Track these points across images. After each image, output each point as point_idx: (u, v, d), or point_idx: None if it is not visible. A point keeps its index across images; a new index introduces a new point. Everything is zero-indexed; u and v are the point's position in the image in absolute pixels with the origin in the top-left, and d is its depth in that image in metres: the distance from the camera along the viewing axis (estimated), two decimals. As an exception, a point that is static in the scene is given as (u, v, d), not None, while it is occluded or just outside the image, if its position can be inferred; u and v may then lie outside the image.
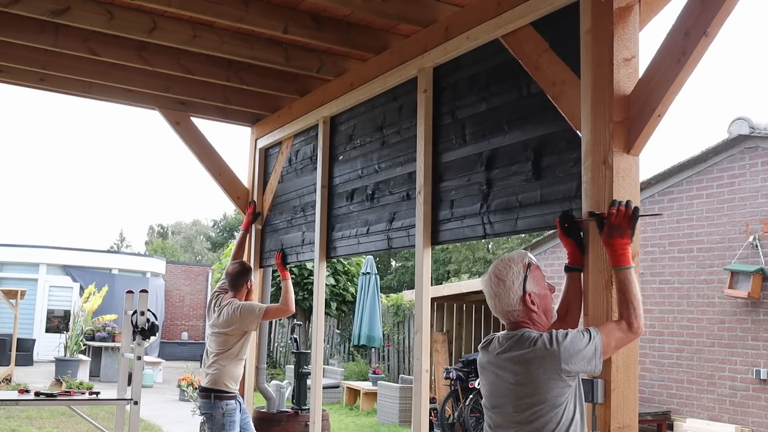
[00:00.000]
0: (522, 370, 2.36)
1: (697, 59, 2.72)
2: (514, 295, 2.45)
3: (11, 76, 5.32)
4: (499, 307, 2.49)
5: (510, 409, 2.40)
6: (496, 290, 2.47)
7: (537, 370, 2.33)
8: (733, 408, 7.43)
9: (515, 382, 2.38)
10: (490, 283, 2.50)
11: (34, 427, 9.47)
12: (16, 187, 62.22)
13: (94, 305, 15.76)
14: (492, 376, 2.48)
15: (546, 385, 2.32)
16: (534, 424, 2.34)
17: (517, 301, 2.45)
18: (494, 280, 2.49)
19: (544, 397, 2.33)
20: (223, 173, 6.24)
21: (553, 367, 2.31)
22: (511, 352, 2.40)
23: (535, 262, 2.54)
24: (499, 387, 2.44)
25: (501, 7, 3.51)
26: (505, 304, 2.46)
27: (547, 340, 2.35)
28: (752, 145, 7.41)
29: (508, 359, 2.40)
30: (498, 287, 2.47)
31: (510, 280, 2.46)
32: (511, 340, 2.43)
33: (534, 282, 2.48)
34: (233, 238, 31.18)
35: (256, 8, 4.24)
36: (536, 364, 2.33)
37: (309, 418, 5.37)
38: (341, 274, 15.88)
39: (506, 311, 2.47)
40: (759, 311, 7.27)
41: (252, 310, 4.97)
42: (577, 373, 2.37)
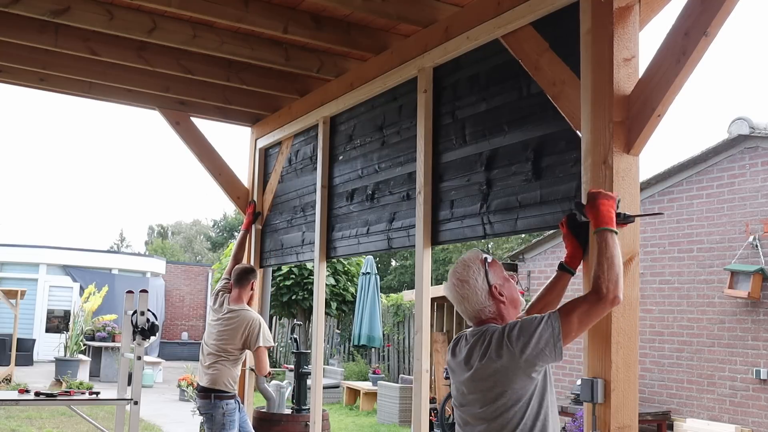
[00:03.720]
0: (484, 366, 2.37)
1: (697, 59, 2.72)
2: (481, 292, 2.48)
3: (11, 76, 5.32)
4: (469, 308, 2.51)
5: (477, 406, 2.42)
6: (462, 293, 2.50)
7: (496, 363, 2.35)
8: (733, 408, 7.43)
9: (480, 378, 2.39)
10: (454, 289, 2.52)
11: (34, 427, 9.47)
12: (16, 187, 62.25)
13: (94, 305, 15.76)
14: (460, 375, 2.49)
15: (507, 378, 2.34)
16: (499, 420, 2.35)
17: (485, 296, 2.48)
18: (458, 283, 2.51)
19: (507, 390, 2.33)
20: (223, 173, 6.24)
21: (511, 359, 2.33)
22: (475, 348, 2.43)
23: (490, 257, 2.58)
24: (467, 385, 2.45)
25: (501, 7, 3.51)
26: (475, 303, 2.49)
27: (501, 331, 2.37)
28: (752, 145, 7.41)
29: (473, 357, 2.42)
30: (463, 289, 2.50)
31: (473, 279, 2.50)
32: (476, 336, 2.45)
33: (494, 274, 2.52)
34: (233, 238, 31.19)
35: (256, 8, 4.24)
36: (496, 358, 2.35)
37: (309, 418, 5.37)
38: (341, 274, 15.87)
39: (477, 310, 2.50)
40: (759, 311, 7.27)
41: (258, 339, 4.97)
42: (537, 361, 2.34)
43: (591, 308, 2.39)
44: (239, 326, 5.02)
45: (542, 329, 2.34)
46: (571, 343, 8.05)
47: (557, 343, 2.35)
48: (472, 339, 2.47)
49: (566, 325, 2.36)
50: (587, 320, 2.41)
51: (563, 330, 2.35)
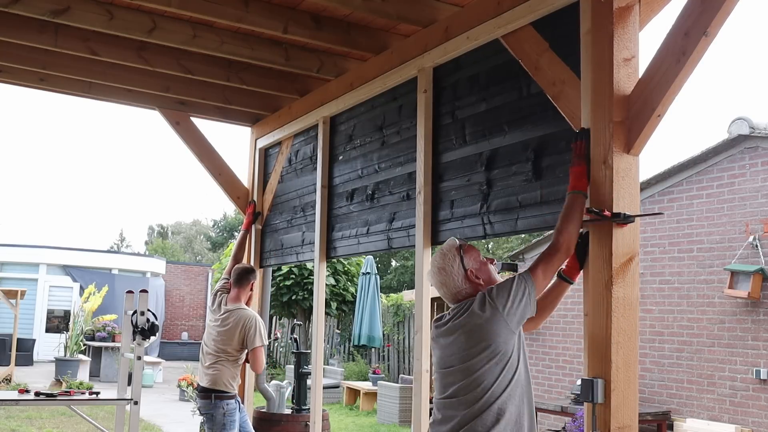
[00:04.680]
0: (468, 323, 2.57)
1: (697, 59, 2.72)
2: (458, 276, 2.70)
3: (11, 76, 5.32)
4: (449, 293, 2.72)
5: (459, 361, 2.57)
6: (441, 279, 2.72)
7: (480, 319, 2.54)
8: (733, 408, 7.43)
9: (465, 334, 2.57)
10: (435, 276, 2.75)
11: (34, 427, 9.47)
12: (16, 187, 62.25)
13: (94, 305, 15.76)
14: (444, 342, 2.66)
15: (491, 331, 2.53)
16: (480, 372, 2.51)
17: (462, 280, 2.70)
18: (437, 271, 2.74)
19: (491, 343, 2.52)
20: (223, 173, 6.24)
21: (494, 313, 2.53)
22: (458, 314, 2.63)
23: (466, 243, 2.79)
24: (450, 349, 2.62)
25: (501, 7, 3.51)
26: (453, 287, 2.70)
27: (482, 293, 2.60)
28: (752, 145, 7.41)
29: (457, 324, 2.61)
30: (442, 276, 2.72)
31: (449, 266, 2.71)
32: (457, 307, 2.67)
33: (470, 259, 2.73)
34: (233, 238, 31.19)
35: (256, 8, 4.24)
36: (480, 313, 2.55)
37: (309, 418, 5.37)
38: (341, 274, 15.86)
39: (455, 293, 2.71)
40: (759, 311, 7.27)
41: (255, 338, 5.00)
42: (516, 313, 2.56)
43: (551, 258, 2.75)
44: (236, 325, 5.01)
45: (517, 285, 2.59)
46: (571, 343, 8.02)
47: (531, 294, 2.61)
48: (453, 311, 2.68)
49: (535, 279, 2.66)
50: (549, 270, 2.74)
51: (535, 283, 2.65)
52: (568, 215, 2.82)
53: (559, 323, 9.39)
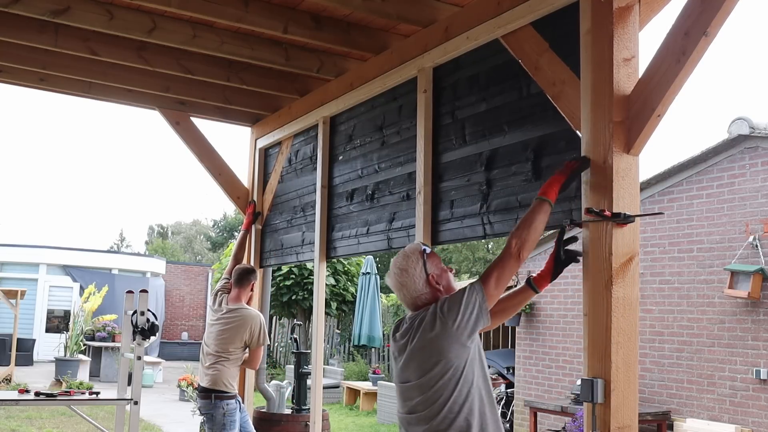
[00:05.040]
0: (420, 338, 2.55)
1: (697, 59, 2.72)
2: (419, 280, 2.66)
3: (11, 76, 5.32)
4: (408, 296, 2.68)
5: (415, 377, 2.56)
6: (402, 281, 2.68)
7: (431, 334, 2.52)
8: (733, 408, 7.43)
9: (417, 350, 2.55)
10: (395, 277, 2.71)
11: (34, 427, 9.47)
12: (16, 187, 62.24)
13: (94, 305, 15.76)
14: (401, 352, 2.64)
15: (441, 347, 2.49)
16: (435, 389, 2.49)
17: (422, 284, 2.66)
18: (398, 272, 2.70)
19: (442, 359, 2.48)
20: (223, 173, 6.24)
21: (443, 329, 2.49)
22: (413, 326, 2.60)
23: (429, 249, 2.76)
24: (406, 363, 2.60)
25: (501, 7, 3.51)
26: (413, 290, 2.66)
27: (434, 306, 2.56)
28: (752, 145, 7.40)
29: (411, 333, 2.59)
30: (403, 277, 2.68)
31: (412, 268, 2.67)
32: (413, 317, 2.64)
33: (432, 265, 2.69)
34: (233, 238, 31.19)
35: (256, 8, 4.24)
36: (430, 330, 2.52)
37: (309, 418, 5.37)
38: (341, 274, 15.86)
39: (414, 297, 2.67)
40: (759, 311, 7.27)
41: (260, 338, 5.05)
42: (468, 327, 2.50)
43: (503, 265, 2.65)
44: (242, 325, 5.02)
45: (467, 297, 2.53)
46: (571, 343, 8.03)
47: (482, 305, 2.55)
48: (410, 320, 2.66)
49: (487, 289, 2.58)
50: (502, 278, 2.63)
51: (486, 293, 2.57)
52: (527, 220, 2.74)
53: (559, 323, 9.39)
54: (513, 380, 10.03)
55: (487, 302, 2.56)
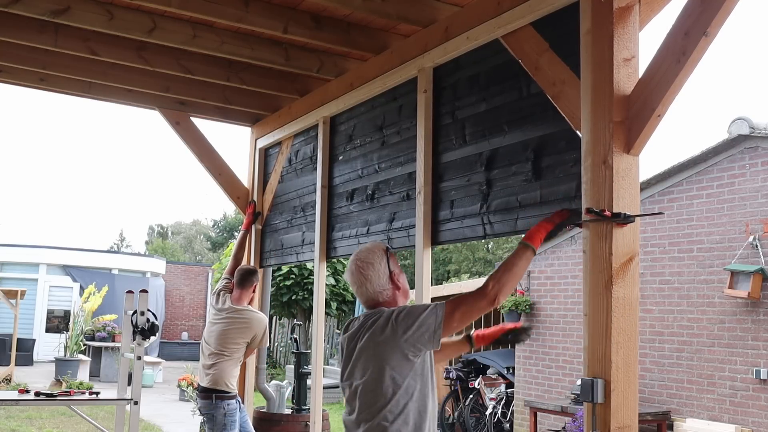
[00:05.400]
0: (369, 339, 2.55)
1: (697, 59, 2.72)
2: (383, 275, 2.67)
3: (11, 76, 5.32)
4: (371, 290, 2.67)
5: (359, 376, 2.57)
6: (367, 273, 2.67)
7: (379, 338, 2.51)
8: (733, 408, 7.43)
9: (364, 350, 2.56)
10: (359, 269, 2.69)
11: (34, 427, 9.47)
12: (16, 187, 62.23)
13: (94, 305, 15.76)
14: (350, 349, 2.64)
15: (386, 354, 2.49)
16: (375, 393, 2.50)
17: (386, 280, 2.67)
18: (363, 265, 2.69)
19: (385, 366, 2.49)
20: (223, 173, 6.24)
21: (392, 337, 2.49)
22: (366, 325, 2.59)
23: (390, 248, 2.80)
24: (355, 357, 2.60)
25: (501, 7, 3.51)
26: (376, 284, 2.66)
27: (390, 311, 2.55)
28: (752, 145, 7.40)
29: (362, 332, 2.59)
30: (368, 270, 2.67)
31: (377, 263, 2.68)
32: (368, 316, 2.63)
33: (393, 263, 2.72)
34: (233, 238, 31.16)
35: (256, 8, 4.24)
36: (380, 333, 2.52)
37: (309, 418, 5.37)
38: (341, 274, 15.86)
39: (377, 292, 2.67)
40: (759, 311, 7.27)
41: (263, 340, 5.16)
42: (414, 344, 2.48)
43: (474, 303, 2.54)
44: (249, 328, 5.03)
45: (426, 316, 2.49)
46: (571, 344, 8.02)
47: (437, 331, 2.48)
48: (364, 318, 2.64)
49: (449, 317, 2.49)
50: (469, 315, 2.54)
51: (444, 321, 2.48)
52: (508, 264, 2.61)
53: (559, 323, 9.39)
54: (513, 380, 10.03)
55: (443, 330, 2.48)
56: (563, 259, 9.35)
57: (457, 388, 10.40)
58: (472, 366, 10.68)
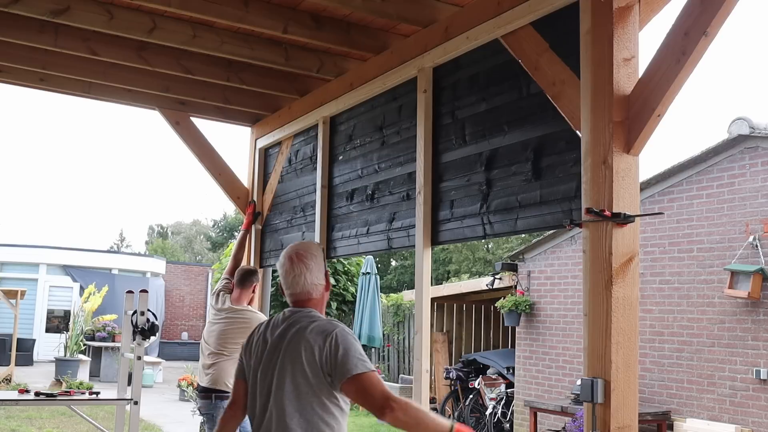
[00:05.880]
0: (304, 346, 2.47)
1: (697, 59, 2.72)
2: (321, 270, 2.64)
3: (11, 76, 5.32)
4: (308, 281, 2.59)
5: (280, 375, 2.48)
6: (309, 264, 2.60)
7: (315, 345, 2.44)
8: (733, 408, 7.43)
9: (289, 359, 2.49)
10: (301, 260, 2.60)
11: (34, 427, 9.47)
12: (16, 187, 62.24)
13: (94, 305, 15.76)
14: (274, 348, 2.56)
15: (316, 364, 2.43)
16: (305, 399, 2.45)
17: (322, 275, 2.64)
18: (306, 255, 2.61)
19: (311, 375, 2.43)
20: (223, 173, 6.24)
21: (327, 354, 2.41)
22: (311, 329, 2.50)
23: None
24: (285, 356, 2.51)
25: (501, 7, 3.51)
26: (315, 277, 2.61)
27: (335, 329, 2.47)
28: (752, 145, 7.40)
29: (308, 335, 2.48)
30: (311, 261, 2.60)
31: (318, 257, 2.64)
32: (306, 317, 2.56)
33: (325, 263, 2.69)
34: (233, 238, 31.15)
35: (256, 8, 4.24)
36: (317, 341, 2.45)
37: (309, 418, 5.36)
38: (341, 274, 15.85)
39: (314, 284, 2.61)
40: (759, 311, 7.27)
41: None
42: (332, 372, 2.41)
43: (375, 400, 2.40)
44: (249, 326, 4.99)
45: (362, 360, 2.42)
46: (571, 344, 7.96)
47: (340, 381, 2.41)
48: (301, 319, 2.56)
49: (356, 384, 2.41)
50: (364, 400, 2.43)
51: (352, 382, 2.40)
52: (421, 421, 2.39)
53: (559, 323, 9.39)
54: (513, 380, 10.03)
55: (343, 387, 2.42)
56: (563, 259, 9.35)
57: (457, 388, 10.40)
58: (472, 366, 10.68)
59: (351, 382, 2.40)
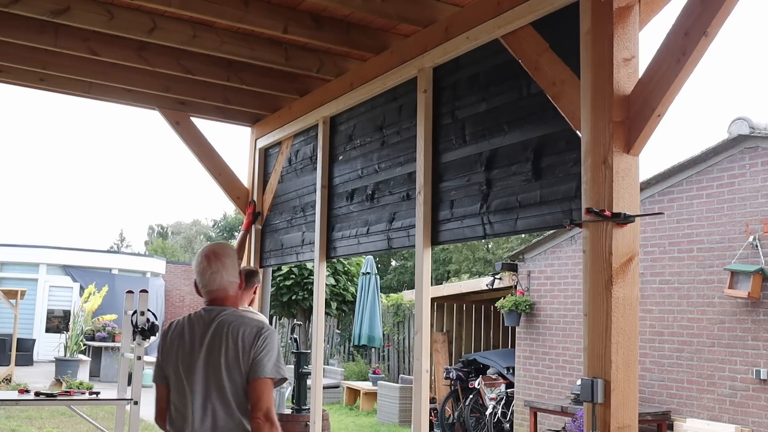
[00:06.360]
0: (245, 348, 2.61)
1: (697, 59, 2.72)
2: (237, 269, 2.80)
3: (11, 76, 5.32)
4: (225, 278, 2.74)
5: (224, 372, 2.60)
6: (225, 262, 2.75)
7: (245, 341, 2.62)
8: (733, 408, 7.42)
9: (228, 361, 2.61)
10: (219, 257, 2.75)
11: (34, 427, 9.47)
12: (16, 187, 62.23)
13: (94, 305, 15.75)
14: (198, 343, 2.67)
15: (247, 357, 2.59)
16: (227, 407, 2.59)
17: (237, 274, 2.79)
18: (223, 253, 2.77)
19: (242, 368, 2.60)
20: (223, 173, 6.24)
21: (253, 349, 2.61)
22: (243, 326, 2.66)
23: None
24: (219, 353, 2.63)
25: (501, 7, 3.51)
26: (231, 275, 2.76)
27: (262, 328, 2.66)
28: (752, 145, 7.40)
29: (228, 335, 2.63)
30: (227, 259, 2.76)
31: (233, 257, 2.80)
32: (232, 314, 2.71)
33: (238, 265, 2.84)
34: (233, 238, 31.16)
35: (256, 8, 4.24)
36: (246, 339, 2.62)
37: (309, 418, 5.37)
38: (341, 274, 15.87)
39: (230, 282, 2.76)
40: (759, 311, 7.27)
41: None
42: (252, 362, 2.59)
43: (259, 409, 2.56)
44: None
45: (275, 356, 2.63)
46: (571, 344, 7.98)
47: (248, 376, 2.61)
48: (224, 315, 2.70)
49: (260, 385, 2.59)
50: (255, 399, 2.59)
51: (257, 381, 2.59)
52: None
53: (559, 323, 9.39)
54: (513, 380, 10.03)
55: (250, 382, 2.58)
56: (563, 259, 9.35)
57: (457, 388, 10.40)
58: (472, 366, 10.68)
59: (257, 382, 2.58)
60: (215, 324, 2.68)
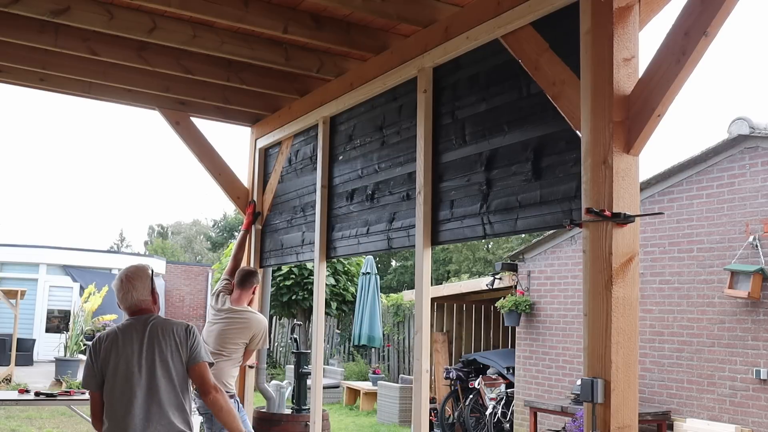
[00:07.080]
0: (179, 344, 3.26)
1: (697, 59, 2.72)
2: (148, 289, 3.40)
3: (11, 76, 5.32)
4: (135, 297, 3.36)
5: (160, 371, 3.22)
6: (136, 284, 3.38)
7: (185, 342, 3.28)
8: (733, 408, 7.42)
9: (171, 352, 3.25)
10: (130, 280, 3.38)
11: (34, 427, 9.47)
12: (16, 187, 62.22)
13: (94, 305, 15.75)
14: (147, 345, 3.24)
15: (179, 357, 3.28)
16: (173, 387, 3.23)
17: (148, 292, 3.40)
18: (134, 277, 3.39)
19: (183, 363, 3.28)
20: (223, 173, 6.24)
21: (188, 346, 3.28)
22: (171, 326, 3.31)
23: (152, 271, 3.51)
24: (156, 352, 3.24)
25: (501, 7, 3.51)
26: (141, 293, 3.37)
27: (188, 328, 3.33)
28: (752, 145, 7.40)
29: (164, 333, 3.27)
30: (138, 281, 3.38)
31: (146, 278, 3.41)
32: (158, 318, 3.36)
33: (154, 283, 3.46)
34: (233, 238, 31.16)
35: (256, 8, 4.24)
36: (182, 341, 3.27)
37: (309, 418, 5.37)
38: (341, 274, 15.86)
39: (141, 299, 3.37)
40: (759, 311, 7.27)
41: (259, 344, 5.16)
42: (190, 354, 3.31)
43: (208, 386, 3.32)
44: (248, 328, 5.02)
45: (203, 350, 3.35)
46: (571, 344, 8.02)
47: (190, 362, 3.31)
48: (153, 321, 3.32)
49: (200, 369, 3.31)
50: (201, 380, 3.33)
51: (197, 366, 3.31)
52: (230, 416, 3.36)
53: (559, 323, 9.39)
54: (513, 380, 10.03)
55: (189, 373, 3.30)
56: (563, 259, 9.35)
57: (457, 388, 10.40)
58: (472, 366, 10.68)
59: (198, 366, 3.28)
60: (149, 327, 3.28)
